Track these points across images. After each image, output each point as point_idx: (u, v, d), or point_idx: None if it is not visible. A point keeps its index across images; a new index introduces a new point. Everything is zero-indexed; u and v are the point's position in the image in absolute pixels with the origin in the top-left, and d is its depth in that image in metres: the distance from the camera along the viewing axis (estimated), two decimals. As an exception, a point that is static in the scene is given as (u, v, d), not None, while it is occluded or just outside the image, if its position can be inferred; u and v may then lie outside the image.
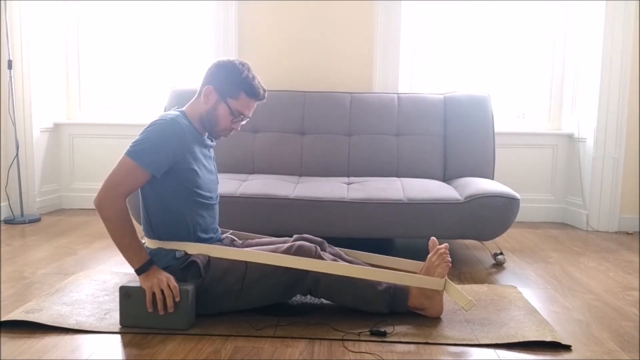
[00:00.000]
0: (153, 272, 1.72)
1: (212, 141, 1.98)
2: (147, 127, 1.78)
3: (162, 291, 1.68)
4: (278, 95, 3.22)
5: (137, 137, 1.77)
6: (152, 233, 1.85)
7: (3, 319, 1.76)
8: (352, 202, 2.53)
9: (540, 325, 1.78)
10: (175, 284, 1.70)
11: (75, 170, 3.89)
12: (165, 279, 1.70)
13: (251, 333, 1.70)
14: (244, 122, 1.94)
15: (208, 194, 1.91)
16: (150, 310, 1.69)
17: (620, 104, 3.34)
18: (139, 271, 1.73)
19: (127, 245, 1.73)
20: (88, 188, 3.87)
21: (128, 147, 1.75)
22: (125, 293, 1.71)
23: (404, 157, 3.09)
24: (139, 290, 1.71)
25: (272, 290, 1.81)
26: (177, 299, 1.70)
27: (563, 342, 1.65)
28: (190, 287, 1.72)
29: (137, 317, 1.71)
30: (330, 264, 1.80)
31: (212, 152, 2.00)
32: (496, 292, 2.12)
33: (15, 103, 3.45)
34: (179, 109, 1.90)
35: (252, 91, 1.87)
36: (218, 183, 2.03)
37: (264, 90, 1.90)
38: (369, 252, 2.13)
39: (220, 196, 2.06)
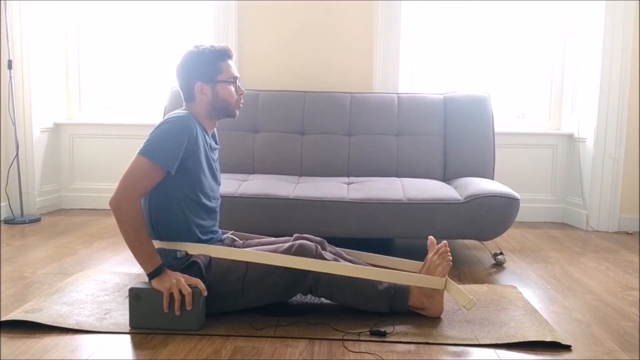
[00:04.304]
0: (167, 274, 1.72)
1: (216, 143, 1.98)
2: (158, 126, 1.79)
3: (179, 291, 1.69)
4: (278, 95, 3.22)
5: (149, 137, 1.77)
6: (153, 233, 1.84)
7: (3, 319, 1.76)
8: (352, 202, 2.53)
9: (540, 325, 1.78)
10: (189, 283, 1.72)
11: (75, 170, 3.89)
12: (182, 279, 1.70)
13: (251, 333, 1.70)
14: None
15: (210, 196, 1.91)
16: (166, 311, 1.69)
17: (620, 104, 3.34)
18: (152, 274, 1.71)
19: (142, 248, 1.72)
20: (88, 188, 3.87)
21: (141, 147, 1.74)
22: (135, 295, 1.71)
23: (404, 157, 3.09)
24: (150, 292, 1.70)
25: (273, 289, 1.81)
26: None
27: (563, 342, 1.65)
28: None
29: (147, 318, 1.71)
30: (330, 264, 1.80)
31: (216, 154, 2.00)
32: (496, 292, 2.13)
33: (15, 103, 3.45)
34: (185, 110, 1.90)
35: (223, 54, 1.91)
36: (220, 185, 2.03)
37: (226, 47, 1.94)
38: (369, 252, 2.13)
39: (220, 196, 2.06)
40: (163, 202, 1.82)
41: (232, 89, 1.91)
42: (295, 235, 2.00)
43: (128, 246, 1.72)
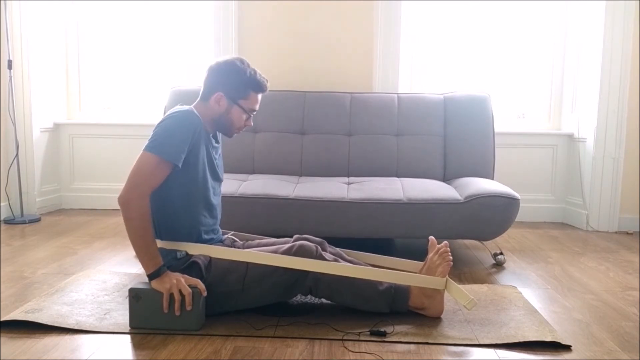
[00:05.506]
0: (167, 275, 1.71)
1: (216, 142, 1.98)
2: (162, 122, 1.78)
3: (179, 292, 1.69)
4: (278, 95, 3.22)
5: (153, 132, 1.76)
6: (154, 232, 1.84)
7: (3, 319, 1.76)
8: (352, 202, 2.53)
9: (540, 325, 1.78)
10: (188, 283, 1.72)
11: (75, 170, 3.89)
12: (182, 280, 1.70)
13: (251, 333, 1.70)
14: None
15: (211, 193, 1.91)
16: (166, 311, 1.69)
17: (620, 104, 3.34)
18: (152, 275, 1.71)
19: (146, 248, 1.72)
20: (88, 188, 3.87)
21: (146, 143, 1.74)
22: (135, 295, 1.70)
23: (404, 157, 3.09)
24: (150, 293, 1.70)
25: (273, 289, 1.81)
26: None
27: (563, 342, 1.65)
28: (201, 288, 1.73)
29: (147, 318, 1.71)
30: (330, 264, 1.80)
31: (218, 152, 1.99)
32: (496, 292, 2.13)
33: (15, 103, 3.45)
34: (189, 107, 1.89)
35: (259, 87, 1.92)
36: (222, 181, 2.03)
37: (267, 80, 1.95)
38: (369, 252, 2.13)
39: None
40: (164, 202, 1.81)
41: (244, 117, 1.92)
42: (295, 235, 2.00)
43: (132, 245, 1.72)
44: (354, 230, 2.55)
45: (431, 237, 1.98)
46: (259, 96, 1.94)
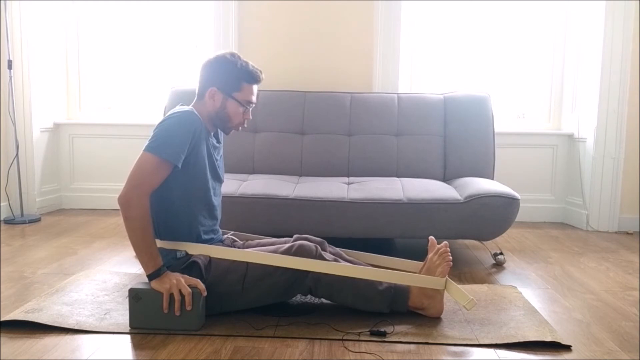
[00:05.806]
0: (167, 275, 1.71)
1: (218, 142, 1.98)
2: (162, 122, 1.78)
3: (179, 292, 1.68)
4: (278, 95, 3.22)
5: (154, 132, 1.76)
6: (154, 232, 1.84)
7: (3, 319, 1.76)
8: (352, 202, 2.53)
9: (540, 325, 1.78)
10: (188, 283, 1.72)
11: (75, 170, 3.89)
12: (182, 280, 1.70)
13: (251, 333, 1.70)
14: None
15: (211, 194, 1.91)
16: (166, 311, 1.69)
17: (620, 104, 3.34)
18: (152, 276, 1.71)
19: (146, 248, 1.71)
20: (88, 188, 3.87)
21: (147, 144, 1.74)
22: (135, 295, 1.70)
23: (404, 157, 3.09)
24: (149, 293, 1.70)
25: (273, 289, 1.81)
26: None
27: (563, 342, 1.65)
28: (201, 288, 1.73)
29: (147, 319, 1.71)
30: (330, 264, 1.80)
31: (220, 152, 1.99)
32: (496, 292, 2.13)
33: (15, 103, 3.45)
34: (189, 107, 1.89)
35: (252, 77, 1.90)
36: (223, 181, 2.03)
37: (261, 71, 1.93)
38: (369, 252, 2.13)
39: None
40: (163, 200, 1.81)
41: (241, 110, 1.90)
42: (295, 235, 2.00)
43: (132, 245, 1.72)
44: (354, 230, 2.55)
45: (431, 237, 1.98)
46: (254, 87, 1.92)
